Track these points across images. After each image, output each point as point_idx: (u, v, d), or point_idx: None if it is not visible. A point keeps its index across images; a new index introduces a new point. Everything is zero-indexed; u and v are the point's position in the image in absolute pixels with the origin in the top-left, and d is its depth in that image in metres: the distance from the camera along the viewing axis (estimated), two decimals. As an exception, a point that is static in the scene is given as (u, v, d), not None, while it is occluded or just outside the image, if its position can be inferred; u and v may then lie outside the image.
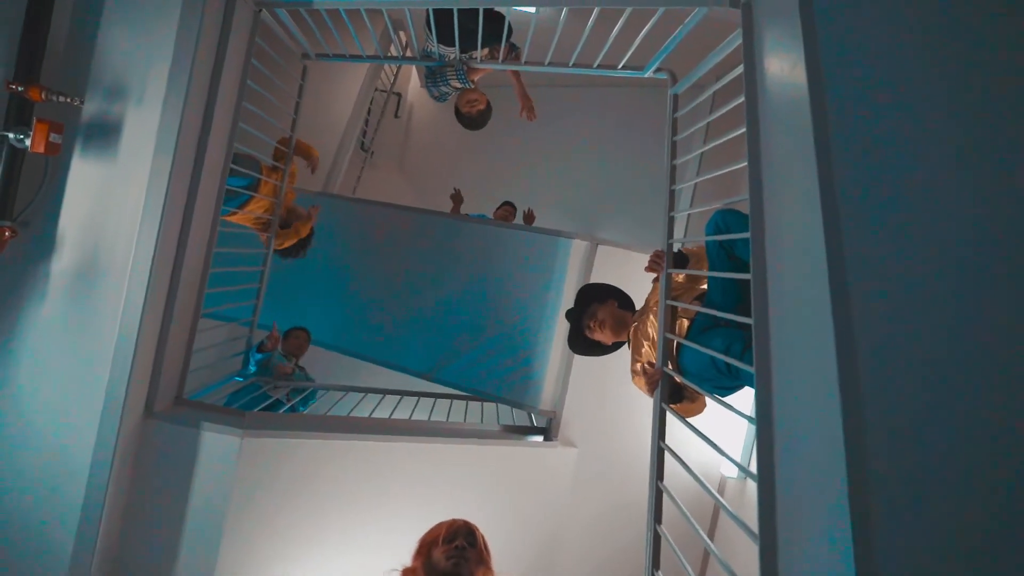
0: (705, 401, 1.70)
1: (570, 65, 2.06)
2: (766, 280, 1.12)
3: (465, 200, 3.90)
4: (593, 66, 2.03)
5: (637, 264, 1.77)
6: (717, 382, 1.53)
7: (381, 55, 2.34)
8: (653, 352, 1.70)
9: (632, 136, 5.00)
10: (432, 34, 2.31)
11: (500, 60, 2.35)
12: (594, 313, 1.87)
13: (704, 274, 1.62)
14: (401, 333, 3.10)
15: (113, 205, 1.59)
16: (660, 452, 1.49)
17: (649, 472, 1.49)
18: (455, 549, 1.49)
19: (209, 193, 1.85)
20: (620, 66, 1.99)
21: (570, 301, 2.07)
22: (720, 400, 1.34)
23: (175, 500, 1.70)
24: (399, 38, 4.73)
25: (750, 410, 1.21)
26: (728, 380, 1.52)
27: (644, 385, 1.69)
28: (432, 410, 2.72)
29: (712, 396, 1.38)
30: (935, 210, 0.85)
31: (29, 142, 1.48)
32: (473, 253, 2.99)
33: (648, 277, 1.82)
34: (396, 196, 4.99)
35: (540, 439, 2.48)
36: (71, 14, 1.60)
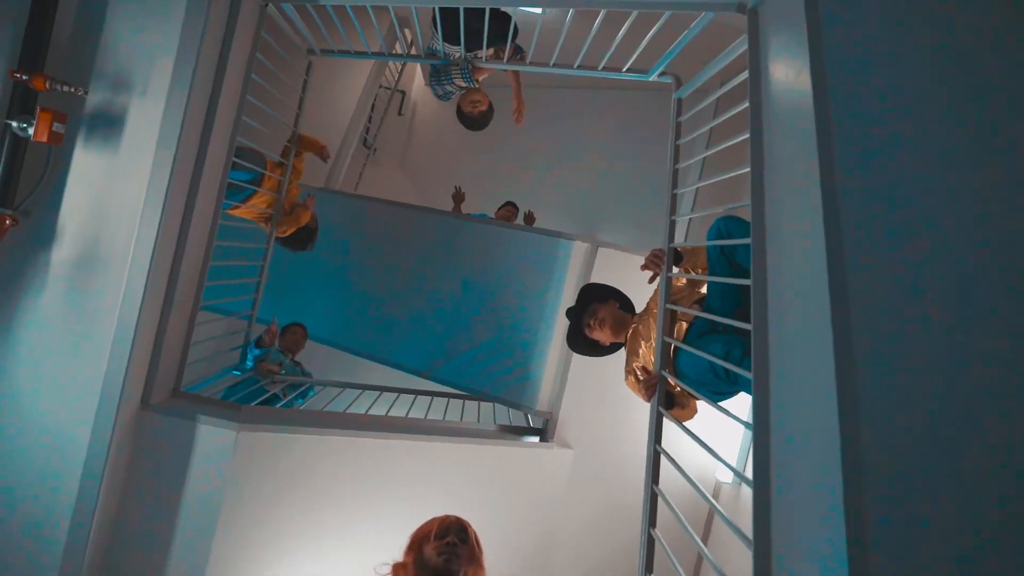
0: (696, 407, 1.70)
1: (575, 67, 2.06)
2: (766, 285, 1.12)
3: (466, 199, 3.89)
4: (598, 68, 2.03)
5: (637, 267, 1.77)
6: (715, 387, 1.53)
7: (386, 52, 2.33)
8: (651, 353, 1.70)
9: (635, 139, 5.00)
10: (438, 32, 2.31)
11: (505, 60, 2.35)
12: (595, 312, 1.87)
13: (704, 279, 1.62)
14: (399, 330, 3.10)
15: (114, 196, 1.59)
16: (656, 455, 1.49)
17: (644, 475, 1.49)
18: (446, 545, 1.49)
19: (211, 187, 1.85)
20: (625, 69, 1.99)
21: (569, 303, 2.07)
22: (717, 406, 1.34)
23: (170, 492, 1.70)
24: (404, 35, 4.73)
25: (747, 416, 1.21)
26: (726, 386, 1.52)
27: (635, 384, 1.68)
28: (429, 408, 2.71)
29: (709, 401, 1.38)
30: (937, 219, 0.85)
31: (32, 131, 1.48)
32: (473, 252, 2.99)
33: (647, 281, 1.82)
34: (398, 193, 5.00)
35: (536, 440, 2.48)
36: (77, 4, 1.60)
